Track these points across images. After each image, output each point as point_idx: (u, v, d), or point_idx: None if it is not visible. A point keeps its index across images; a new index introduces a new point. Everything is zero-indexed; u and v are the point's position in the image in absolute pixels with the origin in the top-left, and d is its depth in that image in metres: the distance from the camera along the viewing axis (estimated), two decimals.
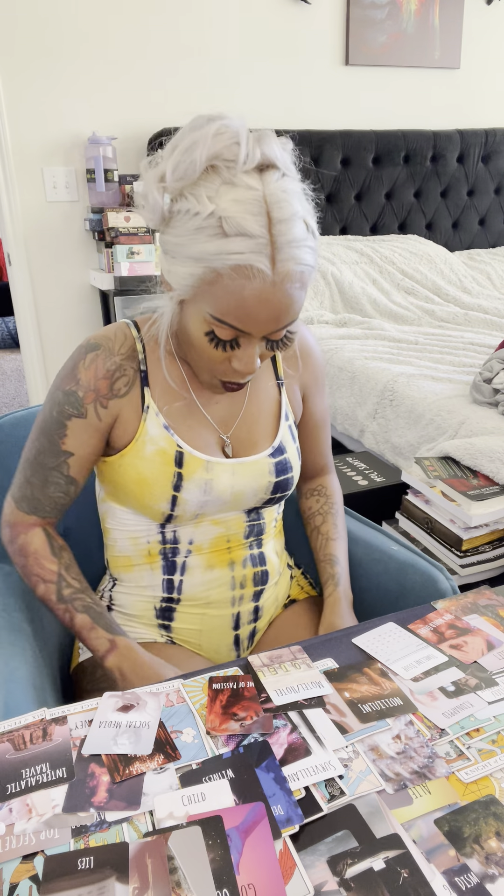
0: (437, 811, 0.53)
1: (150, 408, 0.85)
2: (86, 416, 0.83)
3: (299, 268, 0.71)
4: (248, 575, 0.93)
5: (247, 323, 0.72)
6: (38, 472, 0.85)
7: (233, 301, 0.70)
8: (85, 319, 2.73)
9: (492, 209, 3.27)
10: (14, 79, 2.37)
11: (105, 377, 0.83)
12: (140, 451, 0.84)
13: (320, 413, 1.02)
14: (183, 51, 2.57)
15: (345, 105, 2.91)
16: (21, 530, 0.87)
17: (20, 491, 0.87)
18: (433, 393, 1.81)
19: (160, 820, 0.52)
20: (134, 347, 0.85)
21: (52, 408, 0.84)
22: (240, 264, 0.68)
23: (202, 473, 0.85)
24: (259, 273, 0.69)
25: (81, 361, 0.83)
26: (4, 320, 4.81)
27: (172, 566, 0.91)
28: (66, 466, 0.84)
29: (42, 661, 0.83)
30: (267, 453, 0.90)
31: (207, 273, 0.70)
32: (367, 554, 1.02)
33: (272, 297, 0.70)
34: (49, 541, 0.86)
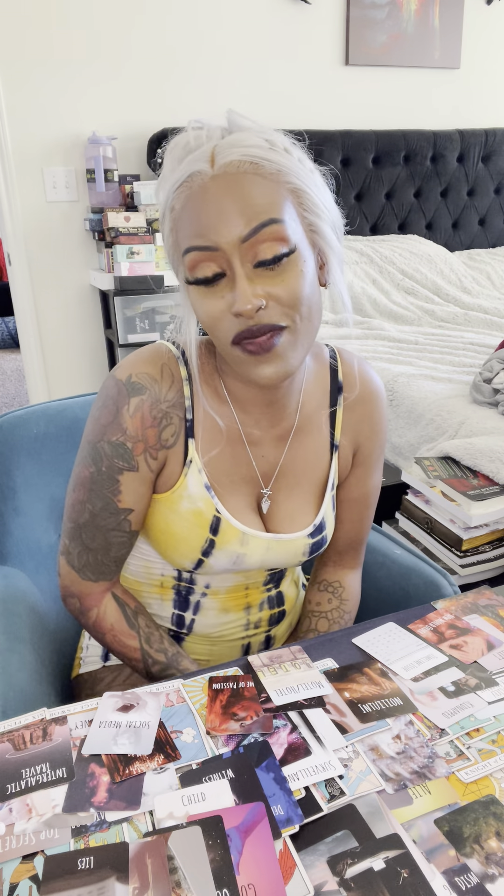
0: (437, 811, 0.53)
1: (192, 462, 0.76)
2: (138, 468, 0.74)
3: (247, 157, 0.62)
4: (264, 617, 0.89)
5: (205, 231, 0.63)
6: (98, 537, 0.77)
7: (186, 219, 0.64)
8: (85, 319, 2.73)
9: (492, 209, 3.27)
10: (14, 79, 2.37)
11: (152, 426, 0.74)
12: (175, 504, 0.77)
13: (370, 488, 0.89)
14: (183, 51, 2.57)
15: (345, 105, 2.91)
16: (92, 603, 0.80)
17: (80, 560, 0.78)
18: (433, 393, 1.81)
19: (160, 820, 0.52)
20: (181, 391, 0.75)
21: (99, 462, 0.74)
22: (181, 182, 0.64)
23: (236, 546, 0.78)
24: (197, 175, 0.63)
25: (125, 407, 0.73)
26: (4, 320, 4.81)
27: (185, 603, 0.86)
28: (128, 524, 0.77)
29: (42, 667, 0.83)
30: (306, 532, 0.82)
31: (169, 218, 0.66)
32: (370, 557, 1.02)
33: (217, 190, 0.62)
34: (123, 610, 0.80)
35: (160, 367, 0.74)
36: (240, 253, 0.63)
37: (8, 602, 0.90)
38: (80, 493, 0.76)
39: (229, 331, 0.66)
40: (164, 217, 0.68)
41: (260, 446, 0.80)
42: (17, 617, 0.87)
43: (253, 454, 0.79)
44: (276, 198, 0.63)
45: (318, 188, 0.68)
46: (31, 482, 1.02)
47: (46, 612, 0.97)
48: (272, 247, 0.63)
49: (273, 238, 0.63)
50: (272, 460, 0.81)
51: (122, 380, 0.74)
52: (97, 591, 0.80)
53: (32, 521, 1.02)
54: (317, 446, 0.82)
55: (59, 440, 1.03)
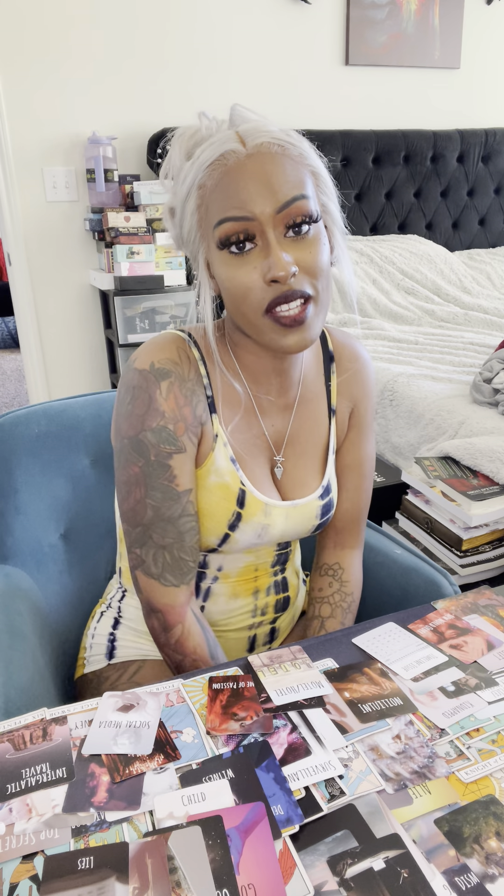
0: (437, 811, 0.53)
1: (218, 436, 0.79)
2: (185, 449, 0.76)
3: (276, 140, 0.69)
4: (271, 602, 0.91)
5: (243, 203, 0.67)
6: (169, 530, 0.76)
7: (221, 193, 0.68)
8: (85, 319, 2.73)
9: (492, 209, 3.27)
10: (14, 79, 2.37)
11: (187, 404, 0.76)
12: (204, 479, 0.79)
13: (364, 454, 0.92)
14: (183, 51, 2.57)
15: (345, 105, 2.91)
16: (176, 618, 0.78)
17: (157, 564, 0.77)
18: (433, 393, 1.81)
19: (160, 820, 0.52)
20: (198, 371, 0.78)
21: (146, 453, 0.75)
22: (213, 160, 0.69)
23: (261, 518, 0.81)
24: (231, 153, 0.68)
25: (157, 392, 0.75)
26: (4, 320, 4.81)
27: (196, 590, 0.86)
28: (192, 505, 0.78)
29: (43, 665, 0.83)
30: (317, 494, 0.86)
31: (197, 195, 0.70)
32: (370, 557, 1.02)
33: (253, 167, 0.68)
34: (206, 635, 0.80)
35: (176, 350, 0.77)
36: (273, 223, 0.68)
37: (9, 600, 0.90)
38: (136, 493, 0.76)
39: (262, 300, 0.69)
40: (188, 196, 0.71)
41: (270, 416, 0.84)
42: (19, 615, 0.87)
43: (265, 423, 0.83)
44: (302, 176, 0.70)
45: (327, 174, 0.75)
46: (31, 482, 1.02)
47: (48, 611, 0.98)
48: (300, 219, 0.69)
49: (301, 212, 0.69)
50: (280, 429, 0.84)
51: (147, 368, 0.76)
52: (180, 600, 0.79)
53: (33, 521, 1.02)
54: (317, 413, 0.87)
55: (60, 440, 1.03)
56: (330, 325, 0.90)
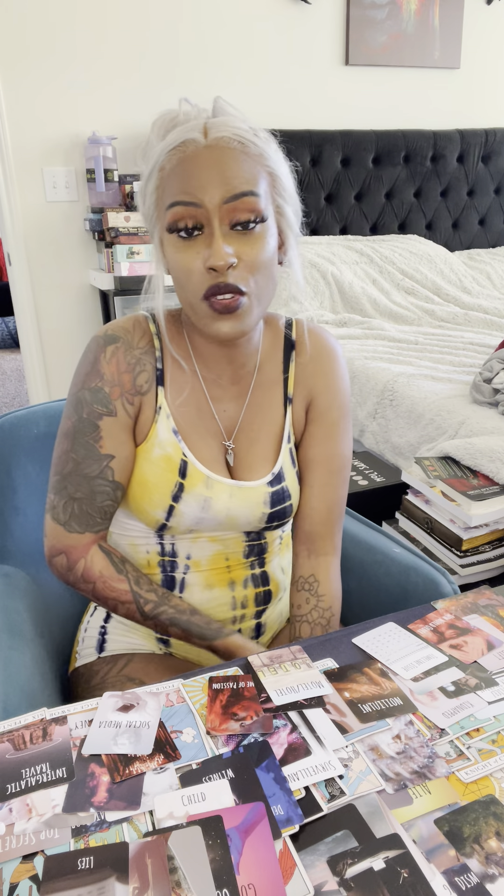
0: (437, 811, 0.53)
1: (161, 408, 0.82)
2: (116, 413, 0.80)
3: (237, 136, 0.72)
4: (250, 595, 0.91)
5: (193, 190, 0.71)
6: (82, 485, 0.80)
7: (175, 178, 0.71)
8: (85, 319, 2.73)
9: (492, 209, 3.27)
10: (14, 79, 2.37)
11: (127, 371, 0.81)
12: (148, 452, 0.82)
13: (332, 452, 0.89)
14: (183, 51, 2.57)
15: (345, 105, 2.91)
16: (78, 554, 0.82)
17: (66, 511, 0.81)
18: (433, 393, 1.81)
19: (160, 820, 0.52)
20: (152, 343, 0.83)
21: (80, 410, 0.80)
22: (174, 146, 0.72)
23: (202, 489, 0.83)
24: (192, 142, 0.71)
25: (102, 355, 0.81)
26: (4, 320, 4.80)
27: (171, 581, 0.88)
28: (111, 471, 0.81)
29: (42, 663, 0.83)
30: (265, 480, 0.86)
31: (157, 176, 0.73)
32: (369, 556, 1.02)
33: (208, 157, 0.71)
34: (109, 557, 0.83)
35: (132, 321, 0.83)
36: (220, 214, 0.71)
37: (8, 600, 0.90)
38: (64, 444, 0.82)
39: (201, 284, 0.73)
40: (149, 177, 0.75)
41: (222, 401, 0.86)
42: (18, 615, 0.87)
43: (215, 408, 0.86)
44: (256, 175, 0.72)
45: (288, 177, 0.78)
46: (31, 482, 1.02)
47: (46, 610, 0.98)
48: (247, 214, 0.72)
49: (250, 208, 0.72)
50: (233, 415, 0.87)
51: (100, 335, 0.82)
52: (84, 542, 0.83)
53: (32, 521, 1.02)
54: (273, 401, 0.88)
55: None
56: (311, 323, 0.92)
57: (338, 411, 0.90)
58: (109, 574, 0.82)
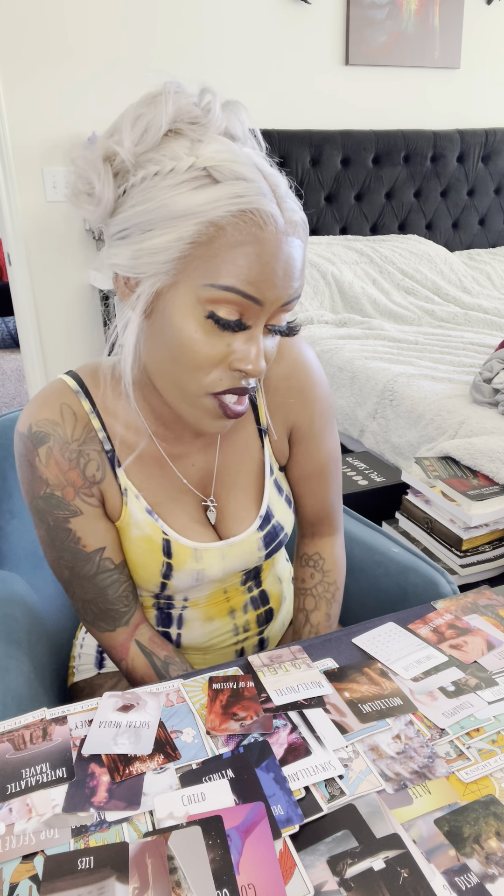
0: (437, 811, 0.53)
1: (128, 490, 0.74)
2: (81, 512, 0.72)
3: (302, 222, 0.61)
4: (251, 619, 0.88)
5: (262, 286, 0.58)
6: (87, 587, 0.75)
7: (241, 256, 0.57)
8: (85, 319, 2.73)
9: (492, 209, 3.27)
10: (14, 79, 2.37)
11: (72, 468, 0.71)
12: (126, 532, 0.76)
13: (322, 460, 0.85)
14: (183, 50, 2.57)
15: (345, 105, 2.91)
16: (119, 655, 0.79)
17: (88, 614, 0.77)
18: (433, 393, 1.81)
19: (160, 820, 0.52)
20: (89, 425, 0.71)
21: (45, 519, 0.72)
22: (246, 209, 0.56)
23: (192, 563, 0.77)
24: (270, 219, 0.57)
25: (36, 459, 0.70)
26: (4, 320, 4.81)
27: (168, 619, 0.84)
28: (108, 561, 0.75)
29: (39, 671, 0.82)
30: (255, 527, 0.80)
31: (203, 231, 0.57)
32: (368, 556, 1.02)
33: (288, 251, 0.59)
34: (151, 661, 0.78)
35: (59, 407, 0.71)
36: (269, 315, 0.62)
37: (4, 605, 0.89)
38: (50, 554, 0.75)
39: (218, 380, 0.63)
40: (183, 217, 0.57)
41: (187, 458, 0.78)
42: (14, 620, 0.86)
43: (182, 467, 0.78)
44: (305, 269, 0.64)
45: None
46: None
47: (43, 616, 0.97)
48: (285, 317, 0.64)
49: (290, 310, 0.64)
50: (205, 466, 0.79)
51: (24, 432, 0.71)
52: (120, 640, 0.78)
53: (28, 525, 1.02)
54: (246, 438, 0.81)
55: None
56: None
57: (320, 420, 0.83)
58: (151, 681, 0.78)
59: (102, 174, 0.60)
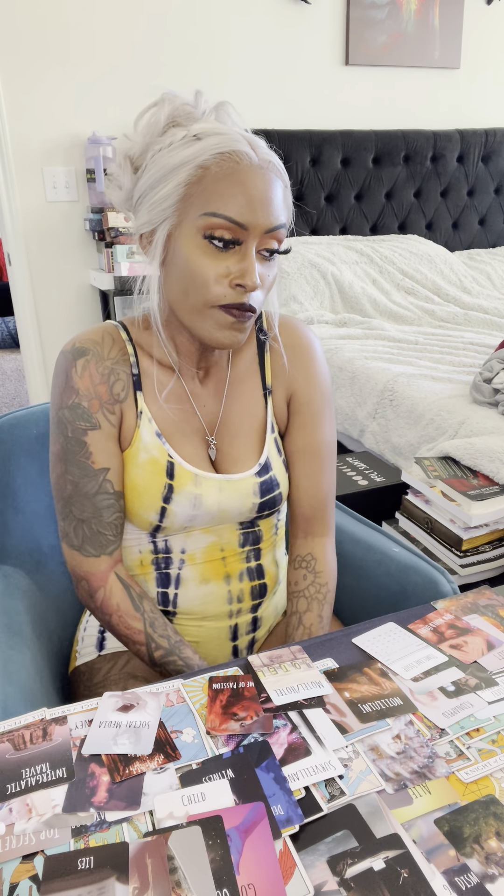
0: (437, 811, 0.53)
1: (143, 413, 0.83)
2: (100, 426, 0.80)
3: (278, 165, 0.74)
4: (246, 589, 0.91)
5: (244, 210, 0.71)
6: (86, 505, 0.81)
7: (225, 186, 0.71)
8: (85, 319, 2.73)
9: (492, 209, 3.27)
10: (14, 79, 2.37)
11: (102, 382, 0.80)
12: (134, 457, 0.83)
13: (318, 440, 0.91)
14: (183, 50, 2.57)
15: (345, 105, 2.91)
16: (97, 582, 0.83)
17: (77, 536, 0.82)
18: (433, 393, 1.81)
19: (160, 820, 0.52)
20: (124, 350, 0.83)
21: (64, 430, 0.80)
22: (224, 150, 0.71)
23: (192, 487, 0.83)
24: (245, 155, 0.71)
25: (73, 370, 0.80)
26: (4, 320, 4.81)
27: (166, 578, 0.88)
28: (109, 483, 0.81)
29: (41, 663, 0.83)
30: (253, 471, 0.87)
31: (193, 173, 0.72)
32: (368, 555, 1.02)
33: (261, 179, 0.72)
34: (128, 591, 0.83)
35: (102, 332, 0.83)
36: (258, 238, 0.74)
37: (8, 600, 0.90)
38: (58, 468, 0.82)
39: (222, 295, 0.74)
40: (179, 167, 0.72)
41: (201, 398, 0.87)
42: (17, 615, 0.87)
43: (196, 404, 0.86)
44: (289, 206, 0.77)
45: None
46: (30, 482, 1.02)
47: (46, 610, 0.98)
48: (275, 245, 0.76)
49: (279, 239, 0.76)
50: (213, 410, 0.88)
51: (68, 349, 0.82)
52: (101, 568, 0.83)
53: (32, 521, 1.02)
54: (252, 394, 0.89)
55: None
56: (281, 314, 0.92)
57: (319, 401, 0.91)
58: (126, 609, 0.82)
59: (123, 167, 0.77)
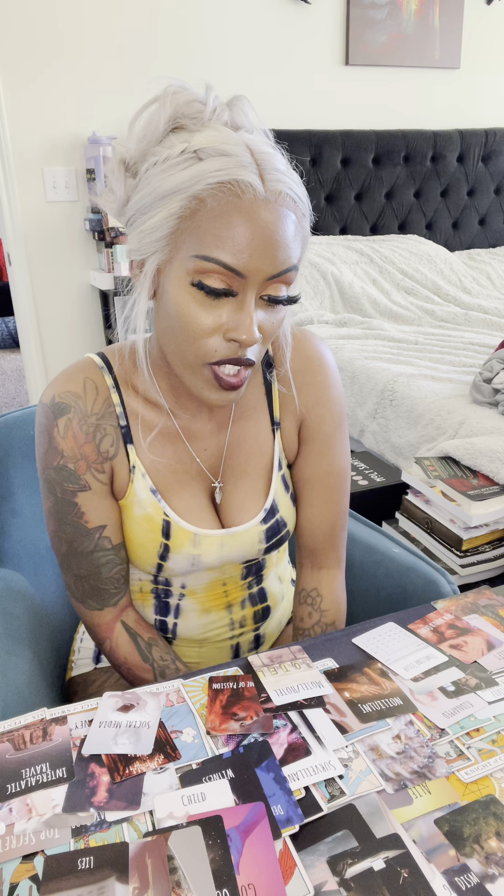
0: (437, 811, 0.53)
1: (136, 468, 0.76)
2: (90, 487, 0.74)
3: (292, 192, 0.62)
4: (248, 615, 0.88)
5: (240, 255, 0.60)
6: (83, 562, 0.77)
7: (221, 226, 0.59)
8: (85, 319, 2.73)
9: (492, 209, 3.27)
10: (14, 79, 2.37)
11: (88, 442, 0.73)
12: (129, 510, 0.78)
13: (328, 467, 0.83)
14: (183, 50, 2.57)
15: (345, 105, 2.91)
16: (104, 634, 0.80)
17: (78, 590, 0.79)
18: (433, 393, 1.81)
19: (160, 820, 0.52)
20: (108, 400, 0.75)
21: (53, 490, 0.75)
22: (224, 180, 0.59)
23: (189, 548, 0.78)
24: (249, 188, 0.59)
25: (55, 430, 0.72)
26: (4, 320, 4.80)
27: (165, 607, 0.85)
28: (107, 540, 0.77)
29: (40, 669, 0.83)
30: (258, 519, 0.80)
31: (187, 205, 0.60)
32: (368, 556, 1.02)
33: (267, 219, 0.60)
34: (135, 642, 0.80)
35: (82, 381, 0.74)
36: (259, 286, 0.63)
37: (6, 603, 0.90)
38: (51, 526, 0.77)
39: (213, 352, 0.65)
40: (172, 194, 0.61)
41: (200, 440, 0.79)
42: (16, 619, 0.87)
43: (194, 449, 0.79)
44: (299, 244, 0.64)
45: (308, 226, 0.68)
46: (28, 484, 1.01)
47: (44, 614, 0.97)
48: (283, 290, 0.65)
49: (287, 283, 0.65)
50: (215, 451, 0.80)
51: (47, 403, 0.73)
52: (106, 619, 0.80)
53: (30, 523, 1.02)
54: (258, 429, 0.81)
55: None
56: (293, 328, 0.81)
57: (331, 423, 0.82)
58: (134, 662, 0.79)
59: (117, 173, 0.66)
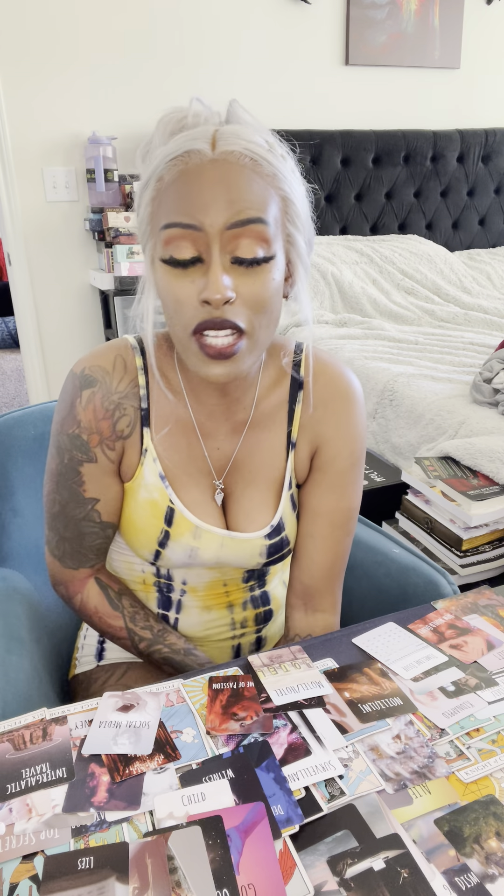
0: (437, 811, 0.53)
1: (147, 451, 0.77)
2: (96, 460, 0.76)
3: (249, 151, 0.62)
4: (250, 616, 0.88)
5: (192, 210, 0.61)
6: (70, 526, 0.79)
7: (173, 193, 0.62)
8: (85, 319, 2.73)
9: (492, 209, 3.27)
10: (14, 79, 2.37)
11: (105, 418, 0.75)
12: (135, 493, 0.79)
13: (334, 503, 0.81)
14: (183, 51, 2.57)
15: (345, 105, 2.91)
16: (75, 588, 0.83)
17: (59, 548, 0.81)
18: (433, 393, 1.81)
19: (160, 820, 0.52)
20: (135, 381, 0.76)
21: (62, 454, 0.77)
22: (176, 154, 0.63)
23: (189, 539, 0.78)
24: (196, 153, 0.62)
25: (78, 400, 0.75)
26: (4, 320, 4.80)
27: (168, 602, 0.86)
28: (97, 514, 0.79)
29: (41, 668, 0.83)
30: (263, 533, 0.80)
31: (154, 187, 0.65)
32: (369, 556, 1.02)
33: (213, 174, 0.61)
34: (105, 592, 0.82)
35: (113, 358, 0.76)
36: (221, 240, 0.62)
37: (6, 603, 0.90)
38: (50, 485, 0.80)
39: (192, 318, 0.64)
40: (146, 185, 0.66)
41: (214, 438, 0.79)
42: (16, 618, 0.87)
43: (206, 446, 0.79)
44: (268, 199, 0.64)
45: (303, 202, 0.69)
46: (28, 483, 1.02)
47: (45, 613, 0.97)
48: (252, 246, 0.63)
49: (256, 237, 0.63)
50: (226, 452, 0.80)
51: (77, 373, 0.76)
52: (79, 577, 0.83)
53: (30, 523, 1.02)
54: (273, 443, 0.80)
55: None
56: (318, 349, 0.82)
57: (347, 460, 0.80)
58: (105, 611, 0.82)
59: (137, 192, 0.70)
